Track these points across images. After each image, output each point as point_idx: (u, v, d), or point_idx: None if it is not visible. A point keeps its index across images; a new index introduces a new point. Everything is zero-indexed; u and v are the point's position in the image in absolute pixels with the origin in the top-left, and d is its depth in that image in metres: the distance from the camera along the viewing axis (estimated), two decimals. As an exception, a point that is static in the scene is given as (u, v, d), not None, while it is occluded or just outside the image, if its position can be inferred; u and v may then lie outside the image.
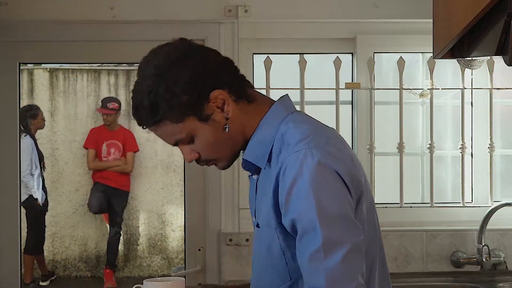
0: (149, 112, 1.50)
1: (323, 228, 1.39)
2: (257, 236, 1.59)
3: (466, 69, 3.04)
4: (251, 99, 1.57)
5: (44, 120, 6.59)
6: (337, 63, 3.01)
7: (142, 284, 1.63)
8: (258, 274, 1.61)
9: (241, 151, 1.62)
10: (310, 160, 1.42)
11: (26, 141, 6.00)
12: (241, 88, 1.56)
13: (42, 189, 6.33)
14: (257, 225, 1.58)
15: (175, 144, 1.57)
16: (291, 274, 1.51)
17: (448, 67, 3.22)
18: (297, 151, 1.45)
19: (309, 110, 2.81)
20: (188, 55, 1.52)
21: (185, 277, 2.79)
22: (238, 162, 3.00)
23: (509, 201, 2.99)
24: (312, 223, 1.40)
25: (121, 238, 6.91)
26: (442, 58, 1.93)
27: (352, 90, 3.14)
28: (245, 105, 1.56)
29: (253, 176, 1.63)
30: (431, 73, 3.04)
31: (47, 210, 6.57)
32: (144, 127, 1.55)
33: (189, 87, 1.49)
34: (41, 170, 6.33)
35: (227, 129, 1.53)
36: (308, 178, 1.41)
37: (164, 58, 1.51)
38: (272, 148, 1.53)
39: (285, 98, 1.62)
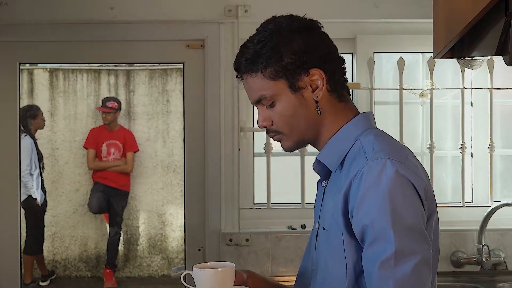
0: (249, 59, 1.58)
1: (396, 237, 1.39)
2: (323, 239, 1.59)
3: (466, 69, 3.04)
4: (343, 99, 1.61)
5: (44, 120, 6.58)
6: (337, 63, 3.01)
7: (192, 270, 1.60)
8: (318, 279, 1.59)
9: (309, 144, 1.65)
10: (390, 169, 1.44)
11: (26, 141, 5.99)
12: (339, 84, 1.61)
13: (41, 189, 6.32)
14: (323, 228, 1.59)
15: (257, 101, 1.61)
16: (348, 283, 1.50)
17: (448, 67, 3.22)
18: (377, 159, 1.46)
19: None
20: (310, 30, 1.60)
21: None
22: (237, 162, 2.99)
23: (509, 201, 3.00)
24: (385, 231, 1.41)
25: (121, 238, 6.90)
26: (442, 58, 1.92)
27: (352, 90, 3.14)
28: (335, 101, 1.60)
29: (322, 183, 1.65)
30: (431, 73, 3.03)
31: (45, 210, 6.56)
32: (238, 76, 1.62)
33: (296, 53, 1.55)
34: (40, 170, 6.32)
35: (319, 112, 1.57)
36: (385, 186, 1.42)
37: (288, 23, 1.60)
38: (346, 154, 1.56)
39: (369, 113, 1.65)
